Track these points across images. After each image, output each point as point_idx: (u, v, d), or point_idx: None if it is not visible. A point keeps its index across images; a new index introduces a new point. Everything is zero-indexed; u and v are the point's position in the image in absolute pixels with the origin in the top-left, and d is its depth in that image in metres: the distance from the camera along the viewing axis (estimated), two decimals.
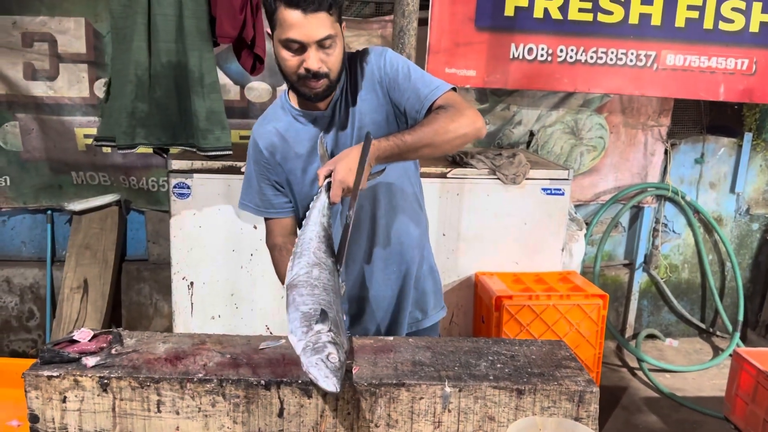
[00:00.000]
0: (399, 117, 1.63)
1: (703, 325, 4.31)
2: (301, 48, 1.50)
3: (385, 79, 1.61)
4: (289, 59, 1.52)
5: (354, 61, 1.65)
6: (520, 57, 3.33)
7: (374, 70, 1.62)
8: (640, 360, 3.83)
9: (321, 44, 1.49)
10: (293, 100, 1.68)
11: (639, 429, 3.22)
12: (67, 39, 3.40)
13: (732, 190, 4.15)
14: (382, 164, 1.50)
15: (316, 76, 1.52)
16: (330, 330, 1.22)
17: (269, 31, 1.56)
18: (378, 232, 1.73)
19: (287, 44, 1.50)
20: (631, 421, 3.29)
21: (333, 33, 1.49)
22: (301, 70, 1.52)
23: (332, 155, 1.63)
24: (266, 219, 1.80)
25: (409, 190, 1.77)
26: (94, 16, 3.38)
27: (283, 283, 1.54)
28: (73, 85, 3.45)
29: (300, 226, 1.68)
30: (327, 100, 1.64)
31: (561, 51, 3.35)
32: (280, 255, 1.73)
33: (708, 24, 3.41)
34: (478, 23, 3.27)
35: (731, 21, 3.42)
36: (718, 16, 3.40)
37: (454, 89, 1.60)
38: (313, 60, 1.50)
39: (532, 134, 3.82)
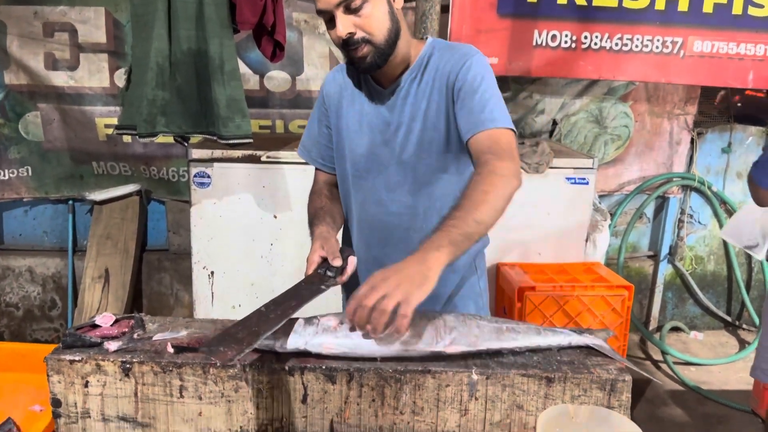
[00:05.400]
0: (453, 124, 1.53)
1: (728, 318, 4.23)
2: (332, 18, 1.44)
3: (457, 84, 1.50)
4: (331, 32, 1.47)
5: (439, 53, 1.55)
6: (544, 44, 3.28)
7: (451, 70, 1.51)
8: (664, 353, 3.77)
9: (348, 7, 1.41)
10: None
11: (664, 422, 3.17)
12: (87, 29, 3.41)
13: None
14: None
15: (350, 43, 1.44)
16: None
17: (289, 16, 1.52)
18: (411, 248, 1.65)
19: (322, 17, 1.46)
20: (655, 413, 3.24)
21: None
22: (341, 42, 1.46)
23: (375, 132, 1.58)
24: (317, 169, 1.77)
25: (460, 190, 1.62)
26: (114, 5, 3.39)
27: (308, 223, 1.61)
28: (93, 74, 3.46)
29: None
30: (390, 80, 1.56)
31: (585, 38, 3.29)
32: (311, 198, 1.70)
33: (737, 9, 3.34)
34: (501, 10, 3.22)
35: (761, 6, 3.33)
36: (748, 1, 3.32)
37: (513, 130, 1.46)
38: (341, 25, 1.42)
39: (555, 123, 3.76)
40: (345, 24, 1.42)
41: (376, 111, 1.59)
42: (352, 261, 1.45)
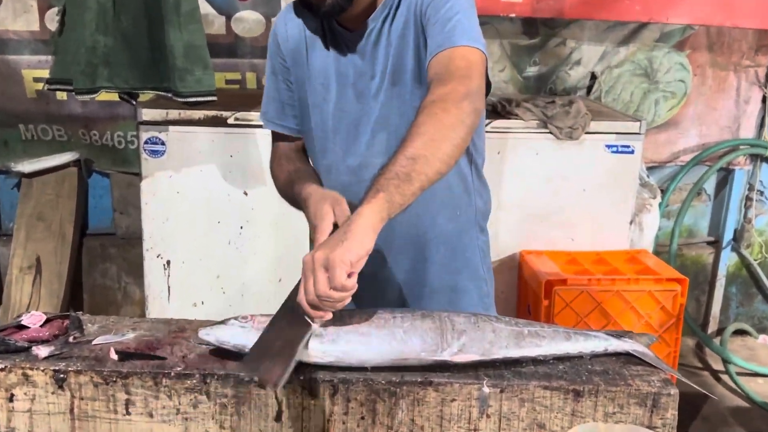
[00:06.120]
0: (423, 59, 1.56)
1: None
2: None
3: (425, 8, 1.53)
4: None
5: None
6: None
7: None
8: (726, 361, 3.80)
9: None
10: None
11: None
12: None
13: None
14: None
15: None
16: None
17: None
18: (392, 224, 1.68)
19: None
20: None
21: None
22: None
23: (346, 84, 1.61)
24: (274, 134, 1.78)
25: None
26: None
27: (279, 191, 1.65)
28: (18, 15, 3.44)
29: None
30: (357, 21, 1.59)
31: None
32: (276, 165, 1.73)
33: None
34: None
35: None
36: None
37: (479, 49, 1.47)
38: None
39: (593, 77, 3.76)
40: None
41: (347, 59, 1.61)
42: None
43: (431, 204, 1.66)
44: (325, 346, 1.26)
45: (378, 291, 1.69)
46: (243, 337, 1.28)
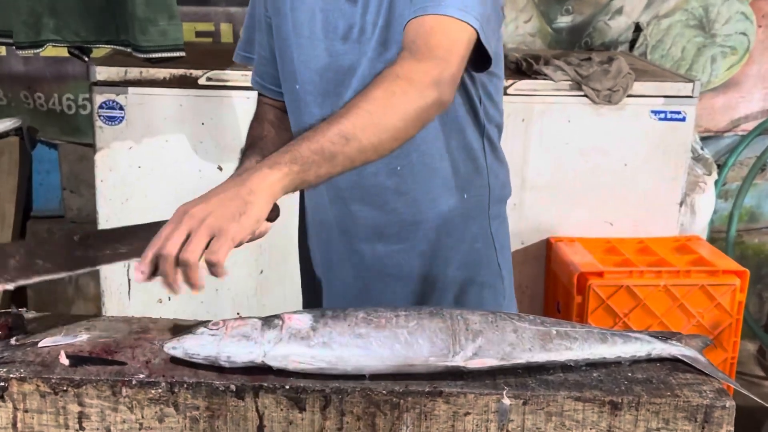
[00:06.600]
0: None
1: None
2: None
3: None
4: None
5: None
6: None
7: None
8: None
9: None
10: None
11: None
12: None
13: None
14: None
15: None
16: None
17: None
18: (380, 198, 1.65)
19: None
20: None
21: None
22: None
23: (334, 37, 1.61)
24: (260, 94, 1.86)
25: (453, 128, 1.66)
26: None
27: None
28: None
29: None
30: None
31: None
32: (250, 126, 1.78)
33: None
34: None
35: None
36: None
37: (471, 26, 1.42)
38: None
39: (638, 28, 3.75)
40: None
41: (335, 6, 1.60)
42: None
43: (432, 185, 1.65)
44: (314, 350, 1.26)
45: (360, 289, 1.71)
46: (215, 347, 1.28)
